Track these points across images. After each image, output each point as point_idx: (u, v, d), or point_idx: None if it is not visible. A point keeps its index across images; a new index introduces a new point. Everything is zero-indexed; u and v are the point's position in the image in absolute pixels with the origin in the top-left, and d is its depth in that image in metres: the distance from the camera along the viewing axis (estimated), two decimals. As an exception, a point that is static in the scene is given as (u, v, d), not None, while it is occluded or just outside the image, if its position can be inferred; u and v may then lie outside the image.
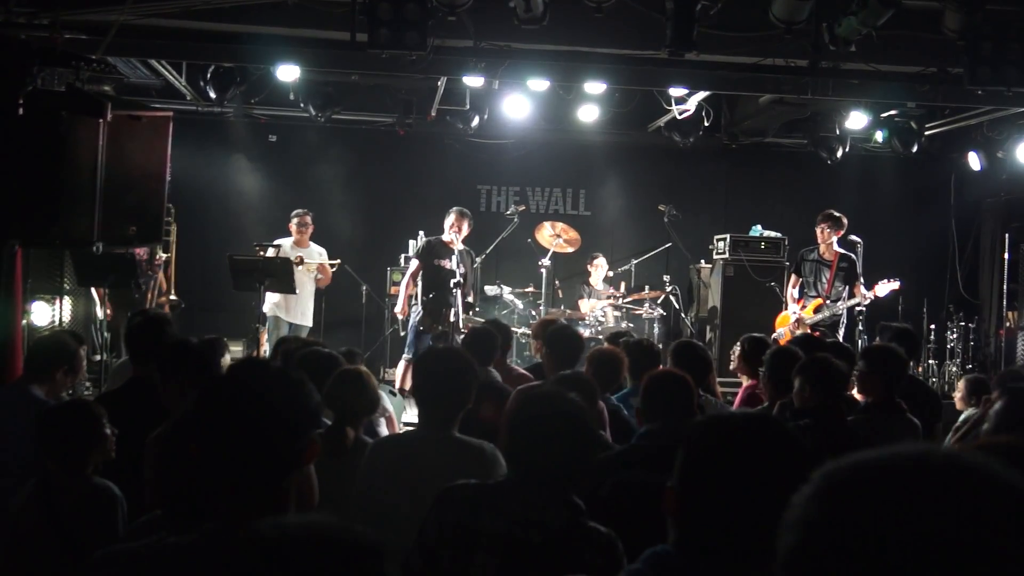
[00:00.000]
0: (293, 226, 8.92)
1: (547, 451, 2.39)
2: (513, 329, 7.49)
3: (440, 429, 3.06)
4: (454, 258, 8.18)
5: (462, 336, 7.97)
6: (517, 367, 5.74)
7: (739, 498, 1.56)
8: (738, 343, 5.79)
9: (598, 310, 9.50)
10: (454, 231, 8.26)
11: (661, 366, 4.70)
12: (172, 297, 8.53)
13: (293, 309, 8.76)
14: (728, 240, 10.10)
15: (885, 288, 8.43)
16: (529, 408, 2.53)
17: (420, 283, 8.40)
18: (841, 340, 8.32)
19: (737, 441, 1.66)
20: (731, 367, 6.14)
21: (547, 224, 9.78)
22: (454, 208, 8.42)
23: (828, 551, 0.79)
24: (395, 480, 2.97)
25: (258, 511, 1.63)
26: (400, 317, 8.53)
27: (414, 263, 8.51)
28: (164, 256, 8.56)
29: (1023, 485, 0.79)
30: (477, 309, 8.94)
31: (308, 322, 8.95)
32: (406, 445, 3.10)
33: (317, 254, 8.99)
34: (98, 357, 7.30)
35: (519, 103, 9.30)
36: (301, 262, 8.52)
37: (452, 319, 7.91)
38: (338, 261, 9.02)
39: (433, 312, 8.20)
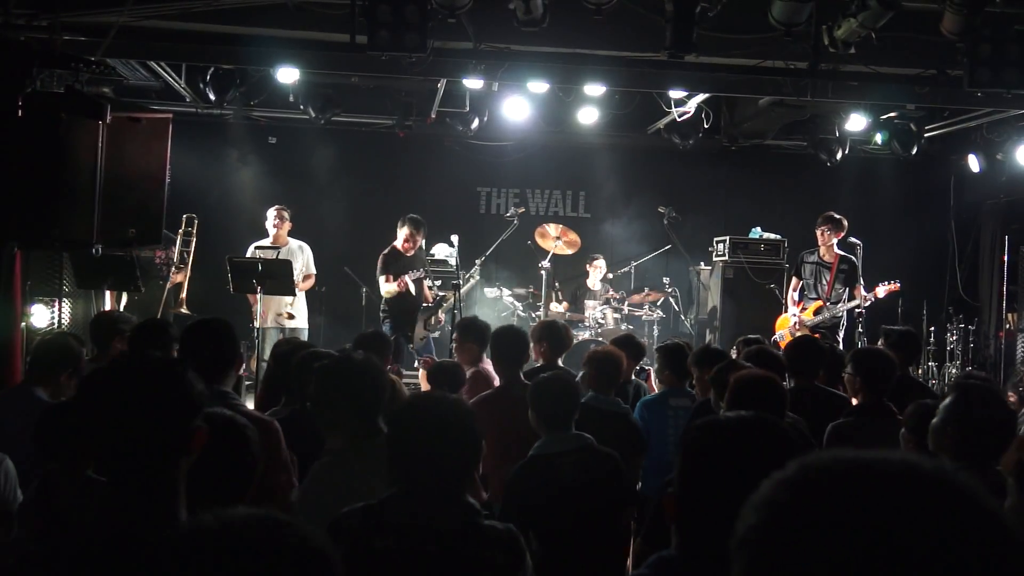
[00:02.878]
0: (268, 222, 8.78)
1: (430, 458, 2.33)
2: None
3: (367, 438, 2.93)
4: (415, 272, 8.30)
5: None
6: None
7: (737, 500, 1.56)
8: (735, 346, 5.79)
9: (597, 311, 9.49)
10: (407, 245, 8.42)
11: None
12: (184, 310, 8.48)
13: (274, 313, 8.54)
14: (728, 242, 10.10)
15: (885, 290, 8.43)
16: (406, 416, 2.46)
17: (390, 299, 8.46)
18: (841, 342, 8.33)
19: (732, 443, 1.65)
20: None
21: (547, 226, 9.78)
22: (407, 218, 8.56)
23: (790, 534, 0.80)
24: (341, 503, 2.79)
25: (147, 497, 1.70)
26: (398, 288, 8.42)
27: (385, 279, 8.46)
28: (179, 267, 8.50)
29: (982, 500, 0.80)
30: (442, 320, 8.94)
31: (300, 324, 8.70)
32: (342, 464, 2.92)
33: (298, 247, 8.79)
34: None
35: (519, 105, 9.30)
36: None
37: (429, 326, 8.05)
38: (313, 275, 8.91)
39: (401, 327, 8.31)
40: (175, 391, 1.77)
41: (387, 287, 8.41)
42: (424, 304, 8.71)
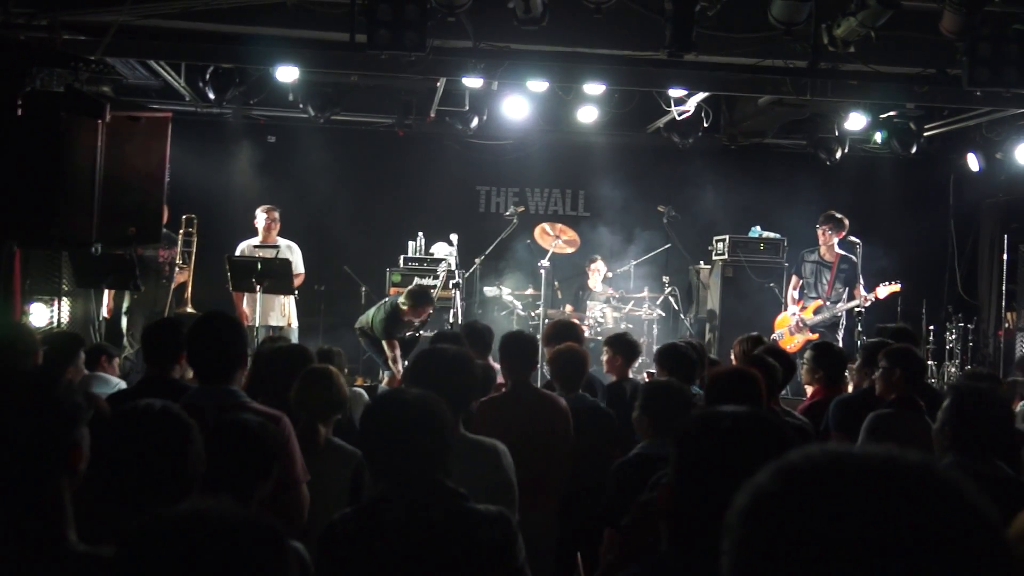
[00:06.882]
0: (258, 222, 8.76)
1: (407, 453, 2.35)
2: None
3: None
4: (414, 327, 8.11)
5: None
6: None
7: (733, 495, 1.56)
8: (736, 343, 5.78)
9: (597, 311, 9.49)
10: (412, 314, 7.93)
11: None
12: (189, 310, 8.48)
13: (267, 313, 8.48)
14: (727, 241, 10.10)
15: (885, 290, 8.44)
16: (375, 411, 2.49)
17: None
18: (840, 341, 8.34)
19: (731, 437, 1.64)
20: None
21: (546, 225, 9.78)
22: (409, 289, 8.11)
23: (774, 520, 0.83)
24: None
25: (23, 520, 1.61)
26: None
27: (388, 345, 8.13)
28: (182, 267, 8.51)
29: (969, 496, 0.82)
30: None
31: (285, 322, 8.59)
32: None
33: (286, 248, 8.75)
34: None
35: (518, 104, 9.30)
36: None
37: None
38: (301, 274, 8.83)
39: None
40: (45, 404, 1.65)
41: (389, 353, 8.09)
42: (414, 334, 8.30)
